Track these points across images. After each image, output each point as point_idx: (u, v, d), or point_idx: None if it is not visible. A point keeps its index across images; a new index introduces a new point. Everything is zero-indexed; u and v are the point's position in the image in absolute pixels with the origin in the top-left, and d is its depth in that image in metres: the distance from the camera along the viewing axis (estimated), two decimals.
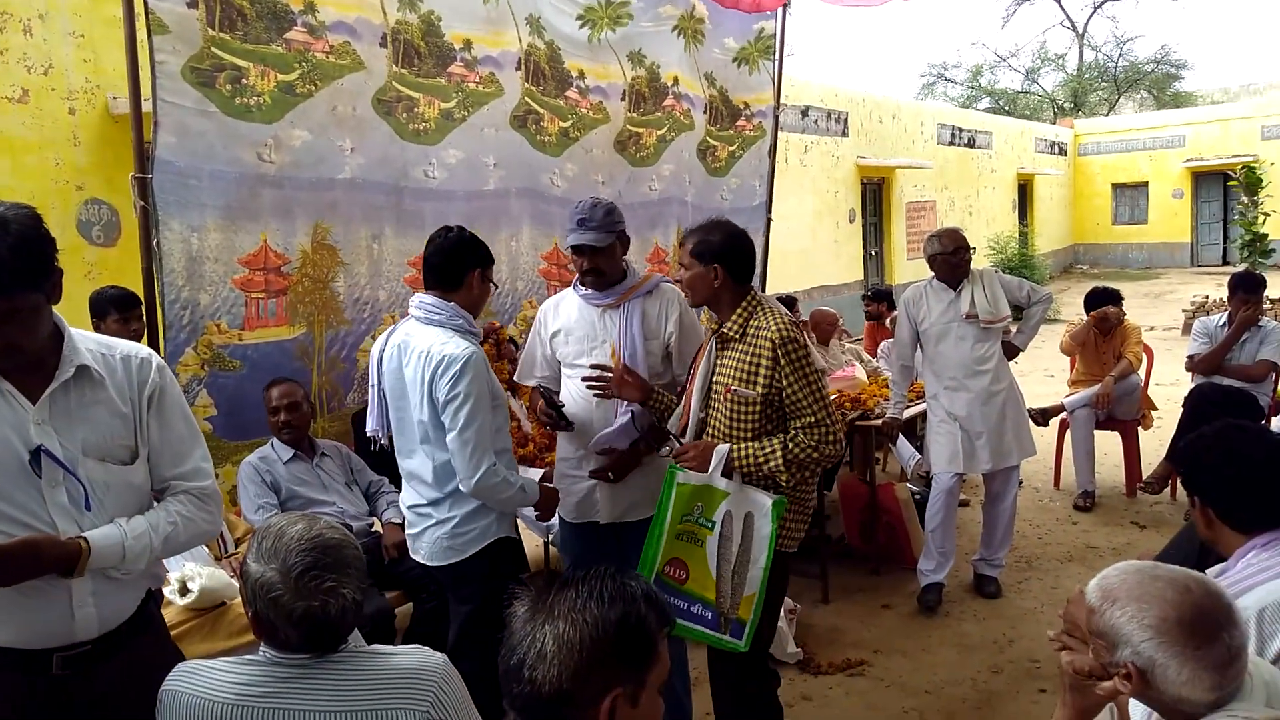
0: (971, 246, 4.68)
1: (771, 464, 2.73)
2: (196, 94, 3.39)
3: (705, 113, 5.76)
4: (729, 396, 2.80)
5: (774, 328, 2.73)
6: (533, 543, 4.86)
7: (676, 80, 5.47)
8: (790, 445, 2.71)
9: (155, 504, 2.00)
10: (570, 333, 3.25)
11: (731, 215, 6.19)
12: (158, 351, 3.43)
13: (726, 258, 2.81)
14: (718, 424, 2.86)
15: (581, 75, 4.92)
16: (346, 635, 1.73)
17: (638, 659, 1.31)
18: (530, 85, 4.65)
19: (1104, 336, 6.40)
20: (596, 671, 1.27)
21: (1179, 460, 2.26)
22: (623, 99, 5.16)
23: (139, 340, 3.84)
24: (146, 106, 3.30)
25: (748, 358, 2.77)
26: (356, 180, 3.99)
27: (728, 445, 2.78)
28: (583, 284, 3.22)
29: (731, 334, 2.82)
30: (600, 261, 3.12)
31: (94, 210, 5.32)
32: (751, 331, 2.78)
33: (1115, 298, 6.35)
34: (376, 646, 1.78)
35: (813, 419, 2.71)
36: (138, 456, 1.96)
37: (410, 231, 4.23)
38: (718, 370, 2.87)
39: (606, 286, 3.17)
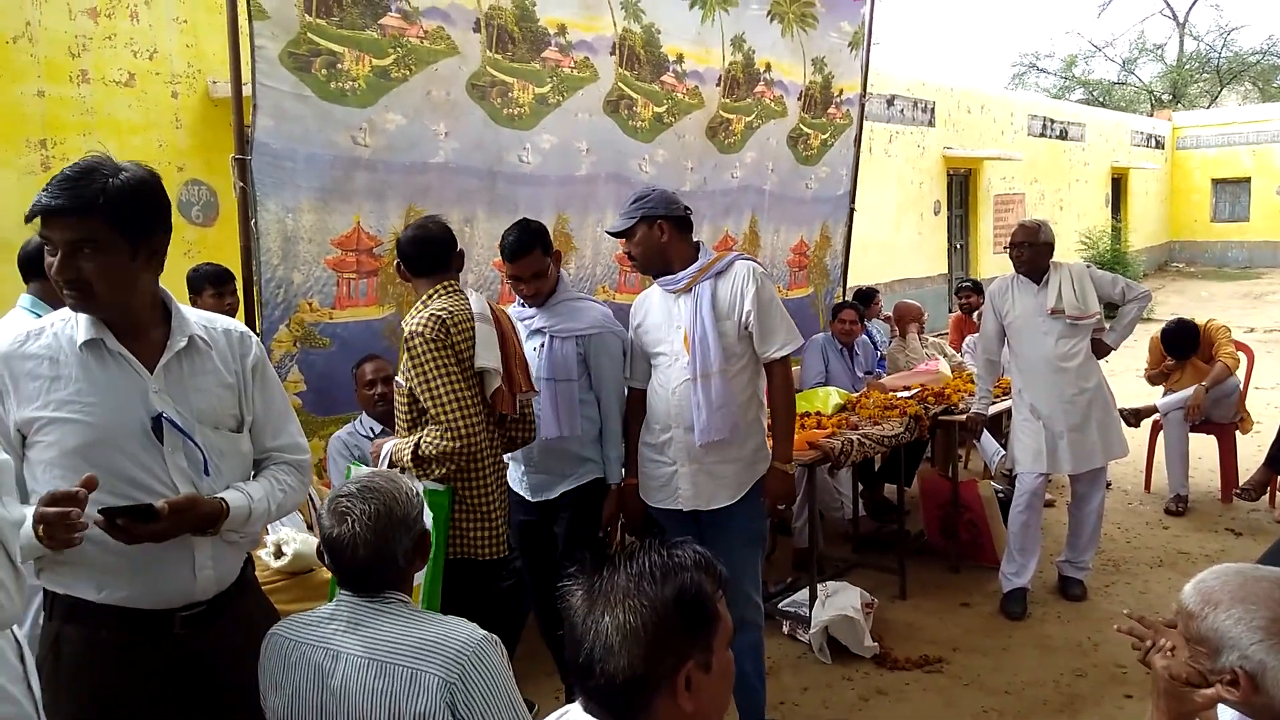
0: (1044, 241, 4.53)
1: (406, 458, 2.75)
2: (293, 78, 3.47)
3: (800, 99, 5.70)
4: (397, 386, 2.93)
5: (412, 321, 2.75)
6: None
7: (769, 66, 5.42)
8: (421, 440, 2.74)
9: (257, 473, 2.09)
10: (651, 322, 3.28)
11: (814, 204, 6.19)
12: (254, 327, 3.55)
13: (403, 250, 2.89)
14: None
15: (680, 59, 4.90)
16: (370, 574, 1.81)
17: (702, 628, 1.31)
18: (624, 70, 4.65)
19: (1179, 362, 6.21)
20: (666, 651, 1.26)
21: None
22: (718, 84, 5.13)
23: (233, 315, 3.97)
24: (246, 91, 3.39)
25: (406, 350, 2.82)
26: (450, 164, 4.04)
27: (395, 440, 2.87)
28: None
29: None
30: (630, 246, 3.22)
31: (194, 191, 5.49)
32: None
33: (1192, 333, 6.15)
34: (426, 612, 1.86)
35: (430, 415, 2.73)
36: (244, 426, 2.05)
37: (502, 216, 4.27)
38: None
39: (659, 271, 3.22)
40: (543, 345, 3.27)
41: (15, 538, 1.59)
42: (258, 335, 3.54)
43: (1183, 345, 6.14)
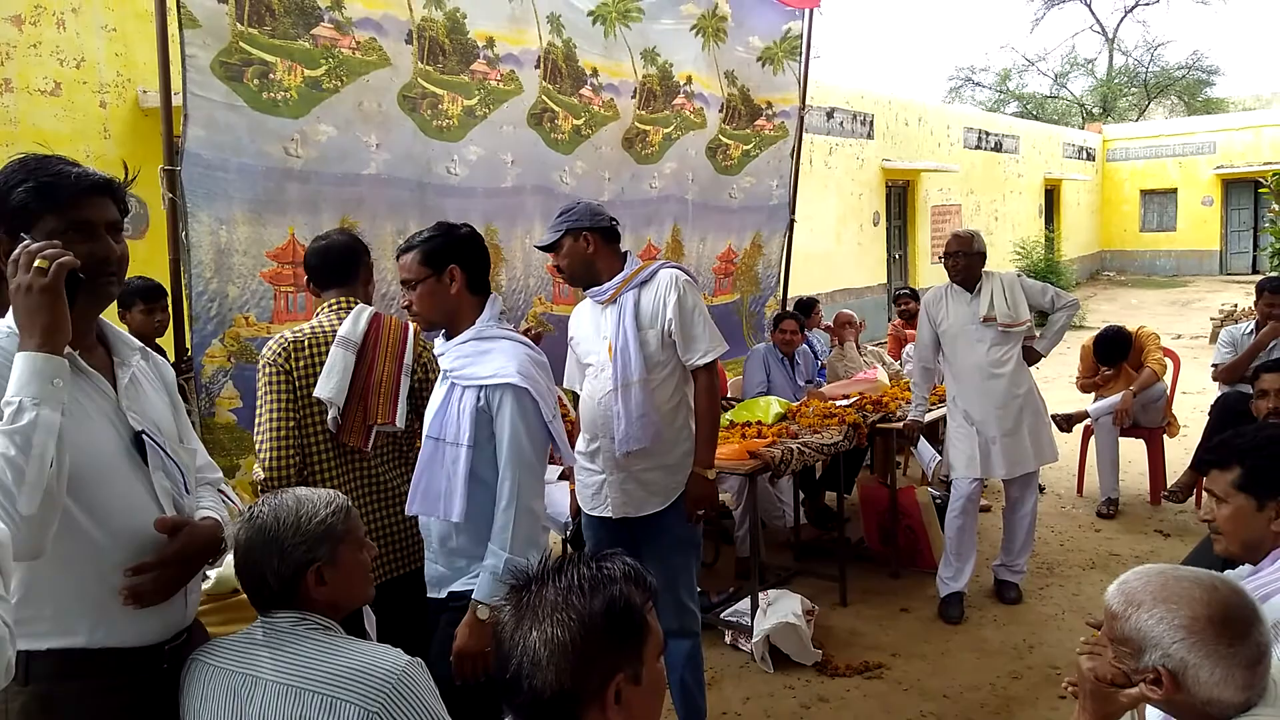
0: (977, 250, 4.65)
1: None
2: (225, 88, 3.42)
3: (721, 111, 5.75)
4: None
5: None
6: (553, 539, 4.86)
7: (690, 79, 5.46)
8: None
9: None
10: (582, 334, 3.31)
11: (742, 213, 6.24)
12: (184, 342, 3.48)
13: (308, 262, 2.82)
14: None
15: (595, 73, 4.93)
16: (245, 586, 1.78)
17: (631, 640, 1.29)
18: (547, 83, 4.67)
19: (1112, 368, 6.36)
20: (594, 664, 1.25)
21: (1235, 460, 2.15)
22: (633, 96, 5.17)
23: (164, 331, 3.89)
24: (176, 100, 3.33)
25: None
26: (381, 176, 4.01)
27: None
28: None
29: None
30: (558, 260, 3.21)
31: None
32: None
33: (1124, 340, 6.29)
34: (347, 637, 1.78)
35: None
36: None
37: None
38: None
39: (587, 283, 3.22)
40: (446, 393, 2.48)
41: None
42: (188, 350, 3.49)
43: (1115, 351, 6.29)
